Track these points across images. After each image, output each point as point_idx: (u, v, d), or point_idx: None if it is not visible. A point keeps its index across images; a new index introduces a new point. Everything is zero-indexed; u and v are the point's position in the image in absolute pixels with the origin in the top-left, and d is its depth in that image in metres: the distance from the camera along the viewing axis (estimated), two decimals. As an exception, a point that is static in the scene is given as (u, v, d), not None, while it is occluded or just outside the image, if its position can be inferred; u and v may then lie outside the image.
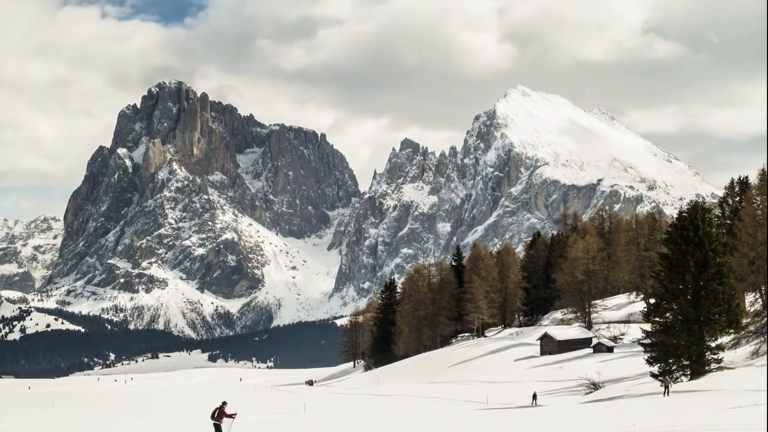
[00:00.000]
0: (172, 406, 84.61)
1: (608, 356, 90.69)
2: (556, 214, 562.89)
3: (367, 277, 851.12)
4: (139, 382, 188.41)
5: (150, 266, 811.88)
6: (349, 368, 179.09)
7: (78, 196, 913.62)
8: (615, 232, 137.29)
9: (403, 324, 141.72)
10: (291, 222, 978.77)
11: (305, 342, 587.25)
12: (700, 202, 63.08)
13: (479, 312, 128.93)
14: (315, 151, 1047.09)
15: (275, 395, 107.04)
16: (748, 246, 77.29)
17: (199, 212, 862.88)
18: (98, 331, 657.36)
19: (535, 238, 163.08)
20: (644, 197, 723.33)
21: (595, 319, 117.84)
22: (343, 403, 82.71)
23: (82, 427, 58.82)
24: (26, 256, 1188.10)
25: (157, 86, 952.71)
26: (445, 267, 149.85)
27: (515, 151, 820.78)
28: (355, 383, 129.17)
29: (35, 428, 58.89)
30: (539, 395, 66.12)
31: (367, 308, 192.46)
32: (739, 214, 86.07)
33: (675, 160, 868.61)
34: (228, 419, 38.49)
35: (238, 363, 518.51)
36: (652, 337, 58.11)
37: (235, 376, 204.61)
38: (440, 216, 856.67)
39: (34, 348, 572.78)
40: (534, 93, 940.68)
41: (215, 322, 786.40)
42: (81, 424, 61.80)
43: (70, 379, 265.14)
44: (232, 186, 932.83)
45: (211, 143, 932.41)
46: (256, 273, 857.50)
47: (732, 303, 55.99)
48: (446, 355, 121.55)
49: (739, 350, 67.95)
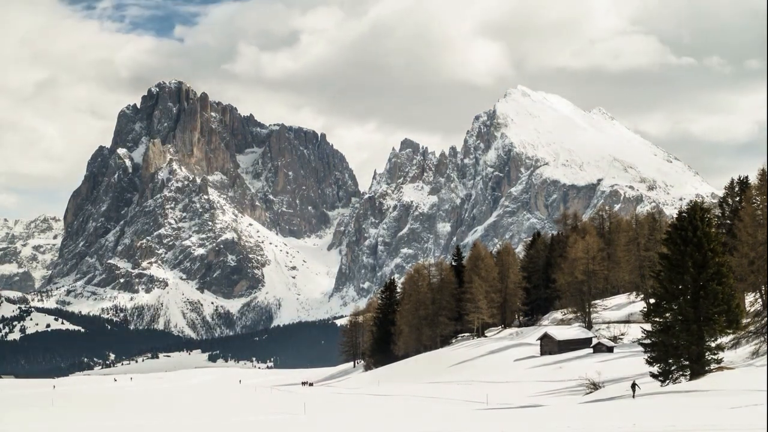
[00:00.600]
0: (172, 406, 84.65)
1: (608, 356, 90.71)
2: (556, 214, 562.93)
3: (367, 277, 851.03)
4: (139, 382, 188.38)
5: (150, 266, 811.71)
6: (349, 368, 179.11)
7: (78, 196, 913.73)
8: (615, 232, 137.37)
9: (403, 324, 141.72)
10: (291, 222, 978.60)
11: (305, 342, 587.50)
12: (699, 203, 63.17)
13: (479, 312, 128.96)
14: (315, 151, 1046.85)
15: (275, 395, 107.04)
16: (747, 246, 77.31)
17: (199, 212, 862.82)
18: (98, 331, 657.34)
19: (535, 238, 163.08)
20: (644, 197, 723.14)
21: (595, 319, 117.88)
22: (343, 403, 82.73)
23: (82, 427, 58.86)
24: (26, 256, 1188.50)
25: (157, 86, 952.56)
26: (445, 267, 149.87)
27: (515, 151, 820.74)
28: (355, 383, 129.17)
29: (35, 428, 58.95)
30: (539, 395, 66.04)
31: (367, 308, 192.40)
32: (739, 214, 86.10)
33: (675, 160, 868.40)
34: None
35: (238, 363, 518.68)
36: (651, 337, 58.16)
37: (235, 376, 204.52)
38: (440, 216, 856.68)
39: (34, 348, 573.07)
40: (534, 93, 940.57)
41: (215, 322, 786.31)
42: (81, 424, 61.83)
43: (70, 379, 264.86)
44: (232, 186, 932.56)
45: (211, 143, 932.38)
46: (256, 273, 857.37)
47: (732, 303, 56.02)
48: (446, 355, 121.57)
49: (739, 350, 68.00)
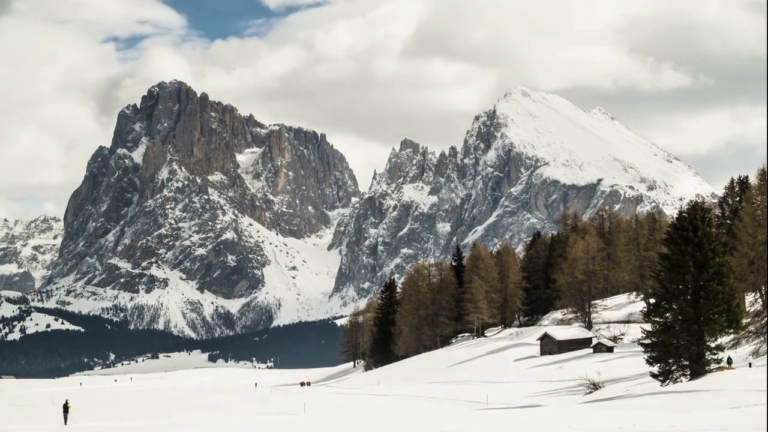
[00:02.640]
0: (172, 406, 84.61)
1: (608, 356, 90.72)
2: (556, 214, 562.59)
3: (367, 277, 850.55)
4: (140, 383, 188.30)
5: (150, 266, 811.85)
6: (349, 368, 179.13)
7: (78, 196, 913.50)
8: (615, 232, 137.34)
9: (403, 324, 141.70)
10: (291, 222, 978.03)
11: (305, 342, 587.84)
12: (699, 203, 63.14)
13: (479, 312, 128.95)
14: (315, 151, 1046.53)
15: (275, 395, 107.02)
16: (747, 246, 77.29)
17: (199, 212, 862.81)
18: (98, 331, 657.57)
19: (535, 238, 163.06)
20: (644, 197, 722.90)
21: (595, 319, 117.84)
22: (343, 403, 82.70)
23: (81, 427, 58.85)
24: (26, 256, 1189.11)
25: (158, 86, 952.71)
26: (445, 267, 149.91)
27: (515, 151, 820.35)
28: (355, 383, 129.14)
29: (35, 428, 58.93)
30: (538, 395, 66.08)
31: (367, 308, 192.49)
32: (739, 214, 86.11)
33: (675, 160, 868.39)
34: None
35: (238, 363, 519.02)
36: (652, 337, 58.17)
37: (235, 377, 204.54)
38: (440, 216, 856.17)
39: (34, 348, 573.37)
40: (534, 93, 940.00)
41: (215, 323, 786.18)
42: (80, 424, 61.80)
43: (70, 379, 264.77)
44: (232, 186, 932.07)
45: (211, 143, 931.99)
46: (256, 273, 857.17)
47: (732, 303, 56.03)
48: (446, 355, 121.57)
49: (739, 350, 68.05)
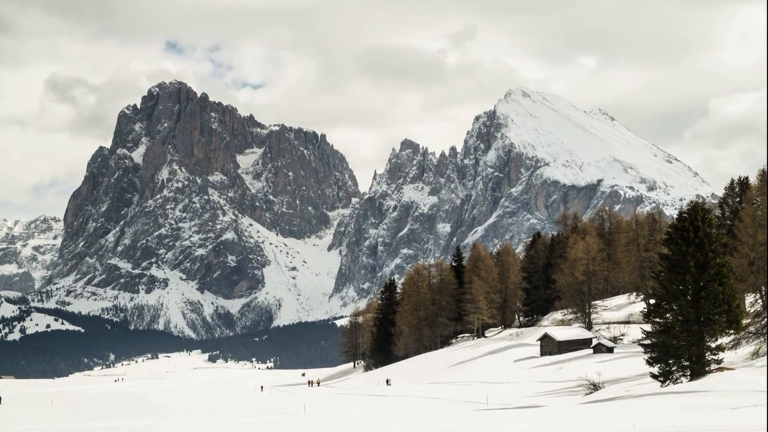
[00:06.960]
0: (171, 406, 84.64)
1: (608, 357, 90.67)
2: (556, 215, 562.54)
3: (367, 277, 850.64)
4: (139, 383, 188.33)
5: (150, 266, 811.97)
6: (349, 369, 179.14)
7: (78, 197, 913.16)
8: (615, 232, 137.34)
9: (403, 324, 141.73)
10: (291, 222, 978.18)
11: (305, 342, 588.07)
12: (700, 203, 63.08)
13: (479, 312, 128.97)
14: (315, 151, 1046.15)
15: (275, 395, 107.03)
16: (748, 246, 77.22)
17: (199, 212, 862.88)
18: (98, 331, 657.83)
19: (535, 238, 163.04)
20: (644, 198, 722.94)
21: (595, 320, 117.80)
22: (343, 403, 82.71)
23: (81, 427, 58.85)
24: (26, 256, 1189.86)
25: (158, 86, 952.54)
26: (445, 267, 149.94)
27: (515, 152, 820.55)
28: (355, 384, 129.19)
29: (35, 428, 58.91)
30: (538, 396, 66.04)
31: (367, 309, 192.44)
32: (739, 215, 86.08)
33: (675, 160, 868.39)
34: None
35: (238, 363, 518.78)
36: (652, 338, 58.08)
37: (234, 377, 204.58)
38: (440, 216, 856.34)
39: (34, 348, 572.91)
40: (534, 93, 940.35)
41: (215, 323, 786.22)
42: (81, 424, 61.81)
43: (70, 379, 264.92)
44: (232, 186, 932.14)
45: (211, 143, 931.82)
46: (256, 273, 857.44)
47: (732, 304, 55.95)
48: (446, 356, 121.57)
49: (739, 351, 67.96)
